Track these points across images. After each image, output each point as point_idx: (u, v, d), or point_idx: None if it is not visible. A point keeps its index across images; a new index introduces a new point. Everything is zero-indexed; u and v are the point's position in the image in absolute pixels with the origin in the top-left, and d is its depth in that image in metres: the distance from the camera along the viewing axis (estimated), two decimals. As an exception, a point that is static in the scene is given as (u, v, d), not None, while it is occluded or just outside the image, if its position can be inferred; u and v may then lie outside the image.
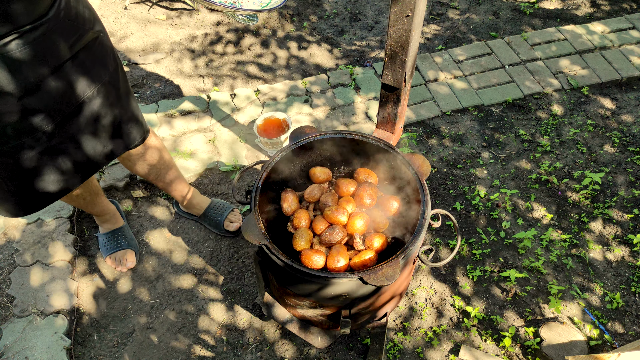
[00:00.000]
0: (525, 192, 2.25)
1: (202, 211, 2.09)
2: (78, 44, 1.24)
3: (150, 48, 2.96)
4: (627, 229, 2.12)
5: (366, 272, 1.18)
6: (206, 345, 1.83)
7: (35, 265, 1.98)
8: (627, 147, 2.42)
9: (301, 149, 1.49)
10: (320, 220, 1.43)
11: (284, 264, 1.21)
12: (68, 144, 1.33)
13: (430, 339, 1.83)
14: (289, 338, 1.84)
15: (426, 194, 1.33)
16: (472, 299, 1.93)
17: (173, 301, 1.94)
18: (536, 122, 2.53)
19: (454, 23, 3.13)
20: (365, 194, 1.44)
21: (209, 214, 2.09)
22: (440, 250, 2.07)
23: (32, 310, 1.85)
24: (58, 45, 1.18)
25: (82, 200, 1.77)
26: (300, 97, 2.63)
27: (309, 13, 3.19)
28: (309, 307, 1.42)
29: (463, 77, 2.72)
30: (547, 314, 1.89)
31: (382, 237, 1.39)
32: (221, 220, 2.07)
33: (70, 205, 2.14)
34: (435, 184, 2.29)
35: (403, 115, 1.55)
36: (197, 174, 2.30)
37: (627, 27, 2.95)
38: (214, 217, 2.08)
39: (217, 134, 2.46)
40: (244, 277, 2.00)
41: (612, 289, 1.96)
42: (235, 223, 2.07)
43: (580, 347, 1.77)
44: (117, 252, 1.99)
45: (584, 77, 2.70)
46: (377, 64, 2.78)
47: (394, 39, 1.27)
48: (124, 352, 1.81)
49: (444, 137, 2.47)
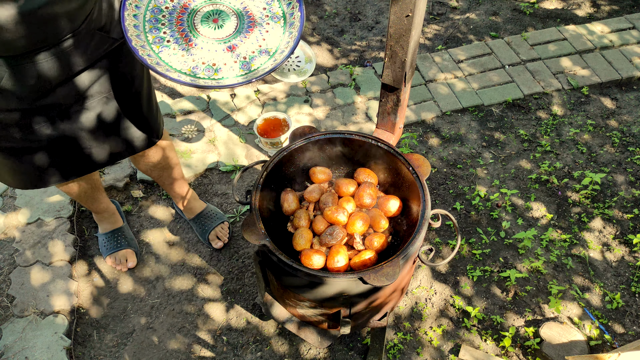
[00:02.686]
0: (525, 192, 2.25)
1: (194, 215, 2.08)
2: (104, 51, 1.27)
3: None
4: (627, 229, 2.12)
5: (366, 272, 1.18)
6: (206, 345, 1.83)
7: (35, 265, 1.98)
8: (627, 147, 2.42)
9: (301, 149, 1.49)
10: (320, 220, 1.43)
11: (284, 264, 1.21)
12: (79, 134, 1.36)
13: (430, 339, 1.83)
14: (289, 338, 1.84)
15: (426, 194, 1.33)
16: (472, 299, 1.93)
17: (173, 301, 1.94)
18: (536, 122, 2.53)
19: (454, 23, 3.13)
20: (365, 194, 1.44)
21: (198, 220, 2.07)
22: (440, 250, 2.07)
23: (32, 310, 1.85)
24: (83, 54, 1.21)
25: (83, 193, 1.77)
26: (300, 97, 2.63)
27: (309, 13, 3.19)
28: (308, 307, 1.42)
29: (463, 77, 2.72)
30: (547, 314, 1.89)
31: (382, 237, 1.39)
32: (208, 230, 2.04)
33: (72, 198, 2.15)
34: (435, 184, 2.29)
35: (403, 115, 1.55)
36: (197, 174, 2.30)
37: (627, 27, 2.95)
38: (202, 225, 2.06)
39: (217, 134, 2.46)
40: (244, 277, 2.00)
41: (612, 289, 1.96)
42: (219, 241, 2.03)
43: (580, 347, 1.77)
44: (117, 252, 1.99)
45: (584, 77, 2.70)
46: (377, 64, 2.78)
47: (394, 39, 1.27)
48: (124, 352, 1.81)
49: (444, 137, 2.47)
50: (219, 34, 1.22)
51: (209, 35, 1.21)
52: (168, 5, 1.23)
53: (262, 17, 1.26)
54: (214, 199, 2.23)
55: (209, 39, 1.21)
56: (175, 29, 1.21)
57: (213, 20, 1.23)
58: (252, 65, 1.19)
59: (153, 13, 1.21)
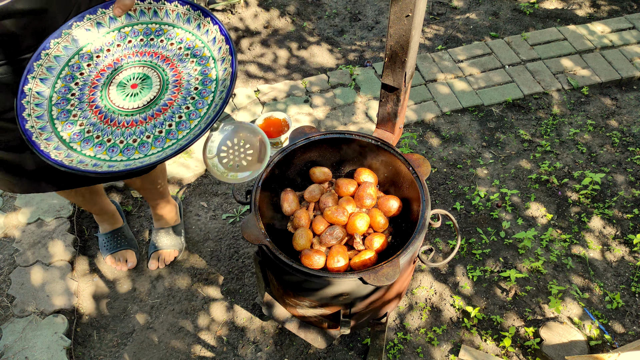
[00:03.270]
0: (525, 192, 2.25)
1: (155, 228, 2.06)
2: None
3: (150, 48, 2.96)
4: (627, 229, 2.12)
5: (366, 272, 1.18)
6: (206, 345, 1.83)
7: (35, 265, 1.98)
8: (627, 147, 2.42)
9: (301, 149, 1.48)
10: (320, 220, 1.43)
11: (284, 263, 1.21)
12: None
13: (430, 339, 1.83)
14: (289, 338, 1.84)
15: (426, 194, 1.33)
16: (472, 299, 1.93)
17: (173, 301, 1.94)
18: (536, 122, 2.53)
19: (454, 23, 3.13)
20: (365, 194, 1.44)
21: (152, 237, 2.04)
22: (440, 250, 2.07)
23: (32, 310, 1.85)
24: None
25: (80, 197, 1.77)
26: (300, 97, 2.63)
27: (309, 13, 3.19)
28: (308, 307, 1.42)
29: (463, 77, 2.72)
30: (547, 314, 1.89)
31: (382, 237, 1.39)
32: (150, 252, 2.02)
33: (70, 201, 2.14)
34: (435, 184, 2.29)
35: (403, 115, 1.55)
36: (197, 173, 2.30)
37: (627, 27, 2.95)
38: (151, 241, 2.04)
39: (217, 134, 2.46)
40: (244, 277, 2.00)
41: (612, 289, 1.96)
42: (155, 264, 2.00)
43: (580, 347, 1.77)
44: (117, 252, 1.99)
45: (584, 77, 2.70)
46: (377, 64, 2.78)
47: (394, 39, 1.27)
48: (124, 352, 1.81)
49: (444, 137, 2.47)
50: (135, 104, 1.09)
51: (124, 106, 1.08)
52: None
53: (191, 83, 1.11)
54: (214, 199, 2.23)
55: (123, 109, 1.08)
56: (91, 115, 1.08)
57: (131, 85, 1.12)
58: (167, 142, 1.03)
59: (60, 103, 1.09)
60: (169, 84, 1.11)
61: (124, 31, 1.18)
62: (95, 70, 1.14)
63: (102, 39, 1.17)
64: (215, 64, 1.11)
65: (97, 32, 1.17)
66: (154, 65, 1.14)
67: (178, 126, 1.04)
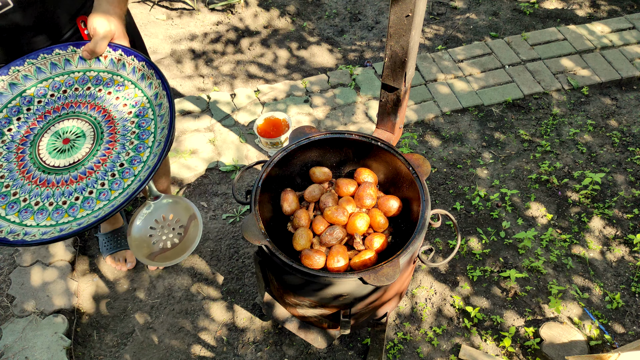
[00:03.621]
0: (525, 192, 2.25)
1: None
2: None
3: (150, 48, 2.96)
4: (627, 229, 2.12)
5: (366, 272, 1.18)
6: (206, 345, 1.83)
7: (35, 265, 1.98)
8: (627, 147, 2.42)
9: (301, 149, 1.48)
10: (320, 220, 1.43)
11: (284, 264, 1.21)
12: None
13: (430, 339, 1.83)
14: (289, 338, 1.84)
15: (426, 193, 1.33)
16: (472, 299, 1.93)
17: (173, 301, 1.94)
18: (536, 122, 2.53)
19: (454, 23, 3.13)
20: (365, 194, 1.44)
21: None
22: (440, 250, 2.07)
23: (32, 310, 1.85)
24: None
25: None
26: (300, 97, 2.63)
27: (309, 13, 3.19)
28: (308, 307, 1.42)
29: (463, 77, 2.72)
30: (547, 314, 1.89)
31: (382, 237, 1.39)
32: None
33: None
34: (435, 184, 2.29)
35: (403, 115, 1.55)
36: (198, 174, 2.30)
37: (627, 27, 2.95)
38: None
39: (217, 133, 2.46)
40: (244, 277, 2.00)
41: (612, 289, 1.96)
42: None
43: (580, 347, 1.77)
44: (117, 252, 1.99)
45: (584, 77, 2.70)
46: (377, 64, 2.78)
47: (394, 39, 1.27)
48: (124, 352, 1.81)
49: (444, 137, 2.47)
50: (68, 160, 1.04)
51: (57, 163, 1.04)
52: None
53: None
54: (214, 199, 2.23)
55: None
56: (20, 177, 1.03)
57: (63, 140, 1.06)
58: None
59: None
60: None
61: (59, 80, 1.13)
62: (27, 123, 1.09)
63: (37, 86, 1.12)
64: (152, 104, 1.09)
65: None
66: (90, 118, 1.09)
67: (98, 196, 1.02)
